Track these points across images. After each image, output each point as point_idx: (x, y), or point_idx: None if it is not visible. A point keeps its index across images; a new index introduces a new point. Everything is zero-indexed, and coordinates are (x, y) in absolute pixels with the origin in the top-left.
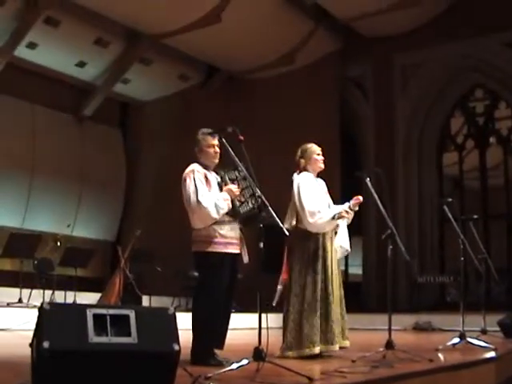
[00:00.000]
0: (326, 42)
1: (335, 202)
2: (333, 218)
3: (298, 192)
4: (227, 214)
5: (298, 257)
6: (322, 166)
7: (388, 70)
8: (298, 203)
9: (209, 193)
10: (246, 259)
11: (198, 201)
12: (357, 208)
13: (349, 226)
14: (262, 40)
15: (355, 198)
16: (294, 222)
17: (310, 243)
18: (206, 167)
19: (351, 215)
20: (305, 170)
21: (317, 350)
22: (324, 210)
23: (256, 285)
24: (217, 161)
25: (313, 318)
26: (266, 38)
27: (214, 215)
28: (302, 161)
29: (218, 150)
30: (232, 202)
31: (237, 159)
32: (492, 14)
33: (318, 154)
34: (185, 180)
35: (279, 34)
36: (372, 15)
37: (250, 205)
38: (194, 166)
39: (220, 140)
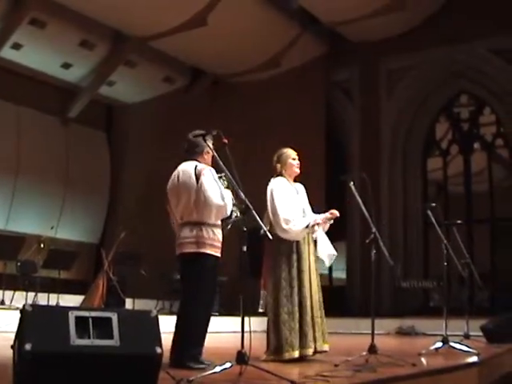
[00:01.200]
0: (312, 46)
1: (319, 205)
2: (306, 226)
3: (272, 198)
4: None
5: (274, 261)
6: (298, 170)
7: (374, 74)
8: (270, 209)
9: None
10: None
11: (222, 196)
12: (331, 221)
13: (333, 231)
14: (248, 43)
15: (331, 211)
16: (269, 226)
17: (285, 248)
18: None
19: (326, 225)
20: (281, 174)
21: (296, 353)
22: (297, 218)
23: (239, 288)
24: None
25: (290, 322)
26: (252, 42)
27: (228, 213)
28: (278, 165)
29: None
30: None
31: (224, 167)
32: (479, 21)
33: (294, 159)
34: (202, 174)
35: (265, 38)
36: (358, 20)
37: (236, 213)
38: (204, 165)
39: (207, 145)
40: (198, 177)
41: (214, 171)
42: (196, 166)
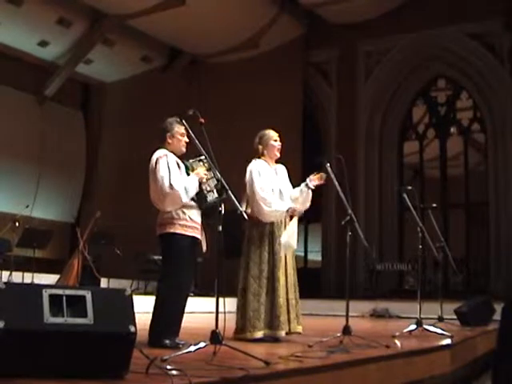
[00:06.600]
0: (290, 27)
1: (295, 187)
2: (286, 210)
3: (251, 180)
4: (192, 199)
5: (247, 242)
6: (278, 153)
7: (352, 57)
8: (249, 191)
9: (180, 176)
10: (204, 248)
11: (170, 184)
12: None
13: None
14: (226, 23)
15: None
16: (245, 207)
17: (258, 229)
18: (174, 155)
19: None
20: (262, 155)
21: (259, 334)
22: (276, 201)
23: (215, 269)
24: (184, 150)
25: (255, 303)
26: (230, 22)
27: (184, 198)
28: (260, 147)
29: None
30: (200, 186)
31: (201, 148)
32: (456, 5)
33: (275, 140)
34: (157, 163)
35: (243, 18)
36: (337, 2)
37: (216, 194)
38: (165, 151)
39: (185, 127)
40: (155, 166)
41: (172, 157)
42: (155, 155)
